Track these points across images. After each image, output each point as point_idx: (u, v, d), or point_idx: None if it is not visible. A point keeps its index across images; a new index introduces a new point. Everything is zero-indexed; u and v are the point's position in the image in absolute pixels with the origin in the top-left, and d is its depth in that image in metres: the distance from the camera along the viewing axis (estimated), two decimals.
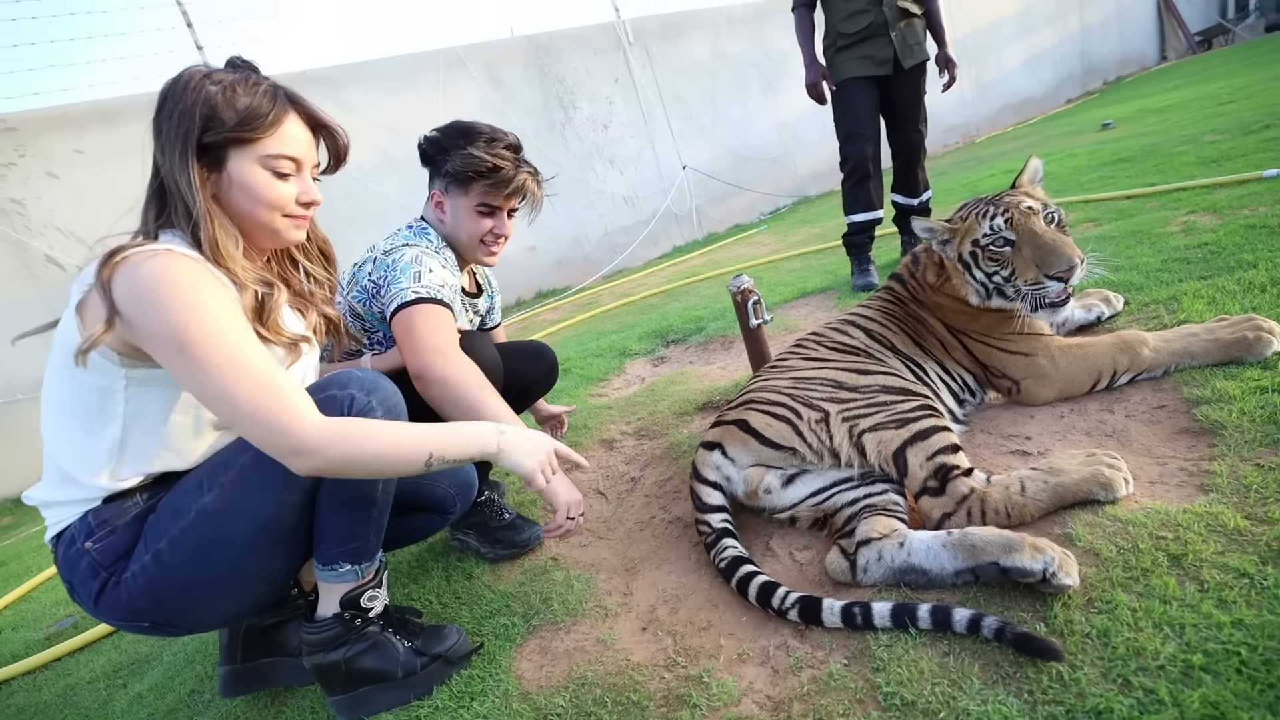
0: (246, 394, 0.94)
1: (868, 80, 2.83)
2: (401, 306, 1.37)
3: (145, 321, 0.93)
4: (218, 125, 1.02)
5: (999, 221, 1.51)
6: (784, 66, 7.71)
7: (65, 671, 1.80)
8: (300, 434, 0.94)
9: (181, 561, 1.03)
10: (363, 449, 0.99)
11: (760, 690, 1.01)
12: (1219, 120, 4.02)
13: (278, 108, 1.07)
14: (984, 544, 1.02)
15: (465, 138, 1.52)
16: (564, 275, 6.76)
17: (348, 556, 1.14)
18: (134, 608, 1.04)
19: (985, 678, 0.88)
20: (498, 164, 1.51)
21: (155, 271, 0.93)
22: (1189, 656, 0.80)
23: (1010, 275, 1.50)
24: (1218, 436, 1.21)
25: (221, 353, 0.94)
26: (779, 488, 1.36)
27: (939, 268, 1.66)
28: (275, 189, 1.07)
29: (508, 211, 1.59)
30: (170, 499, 1.06)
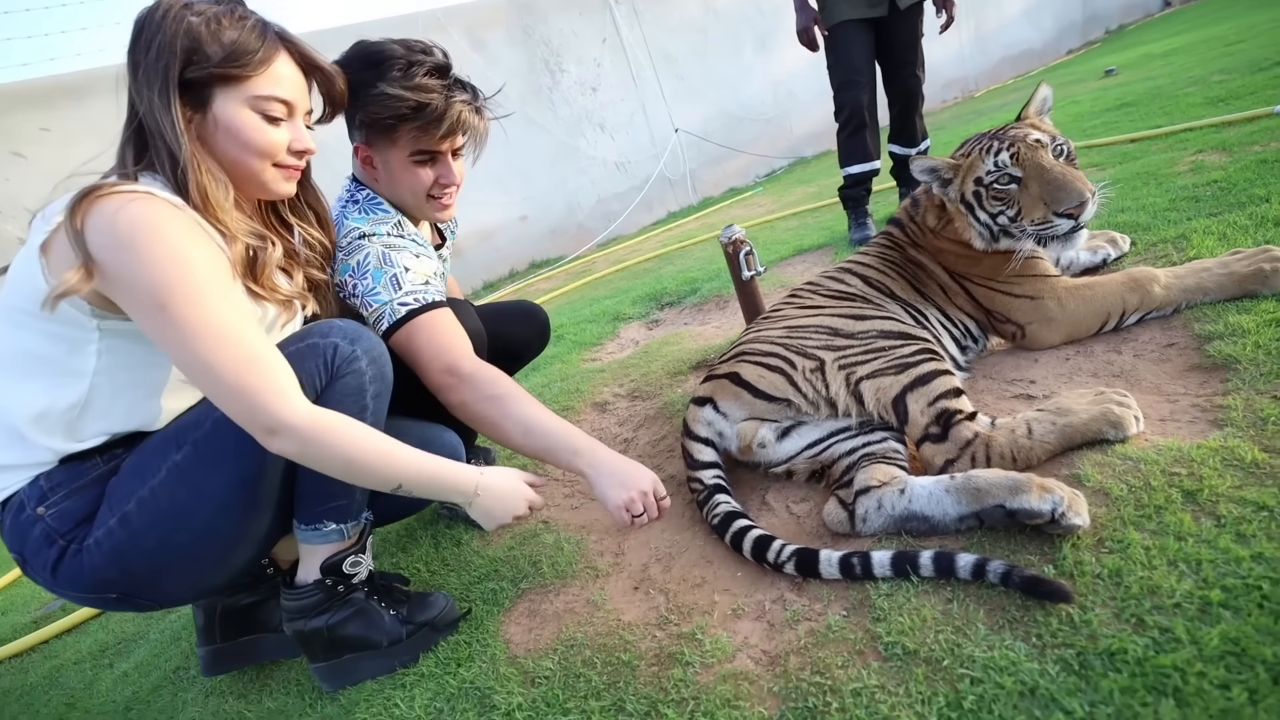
0: (232, 364, 0.87)
1: (862, 23, 2.70)
2: (394, 327, 1.20)
3: (124, 273, 0.84)
4: (201, 60, 0.92)
5: (1004, 157, 1.41)
6: (777, 21, 7.44)
7: (52, 653, 1.78)
8: (281, 415, 0.89)
9: (152, 524, 0.95)
10: (341, 451, 0.94)
11: (756, 645, 0.97)
12: (1227, 60, 3.88)
13: (267, 44, 0.97)
14: (989, 486, 0.97)
15: (375, 69, 1.19)
16: (557, 244, 6.63)
17: (332, 515, 1.09)
18: (100, 578, 0.97)
19: (991, 623, 0.84)
20: (422, 100, 1.19)
21: (137, 217, 0.84)
22: (1206, 593, 0.76)
23: (1017, 215, 1.41)
24: (1231, 371, 1.15)
25: (207, 315, 0.86)
26: (774, 441, 1.31)
27: (940, 210, 1.57)
28: (266, 134, 0.99)
29: (451, 153, 1.31)
30: (136, 458, 0.99)
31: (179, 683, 1.42)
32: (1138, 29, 9.25)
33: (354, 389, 1.06)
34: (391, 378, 1.14)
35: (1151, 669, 0.70)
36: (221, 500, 0.99)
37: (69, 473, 0.97)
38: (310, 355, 1.02)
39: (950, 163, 1.51)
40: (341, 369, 1.04)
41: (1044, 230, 1.39)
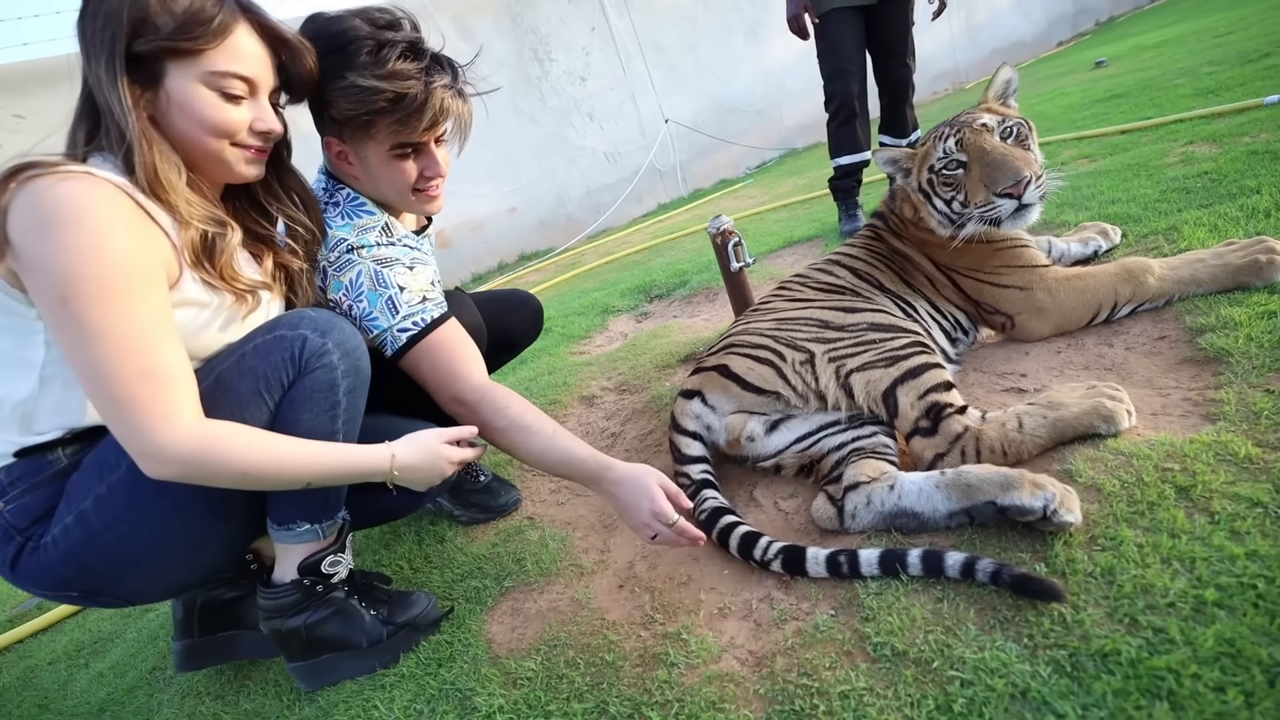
0: (120, 375, 0.80)
1: (852, 11, 2.66)
2: (398, 354, 1.16)
3: (34, 258, 0.78)
4: (150, 31, 0.85)
5: (950, 144, 1.42)
6: (768, 10, 7.38)
7: (27, 653, 1.73)
8: (155, 440, 0.82)
9: (110, 523, 0.91)
10: (229, 465, 0.87)
11: (742, 645, 0.95)
12: (1217, 52, 3.88)
13: (225, 13, 0.89)
14: (979, 483, 0.95)
15: (340, 53, 1.06)
16: (546, 236, 6.57)
17: (305, 515, 1.05)
18: (57, 575, 0.93)
19: (981, 623, 0.82)
20: (400, 90, 1.06)
21: (61, 197, 0.77)
22: (1201, 592, 0.74)
23: (965, 199, 1.40)
24: (1223, 364, 1.14)
25: (109, 317, 0.79)
26: (762, 435, 1.28)
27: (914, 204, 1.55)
28: (222, 111, 0.92)
29: (434, 142, 1.18)
30: (96, 454, 0.94)
31: (155, 683, 1.38)
32: (1128, 20, 9.27)
33: (324, 384, 1.00)
34: (368, 371, 1.08)
35: (1145, 671, 0.68)
36: (182, 499, 0.94)
37: (29, 466, 0.93)
38: (276, 348, 0.96)
39: (909, 153, 1.52)
40: (310, 363, 0.98)
41: (988, 212, 1.37)
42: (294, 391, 0.98)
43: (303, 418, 0.98)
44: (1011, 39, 9.23)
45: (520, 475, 1.73)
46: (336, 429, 1.03)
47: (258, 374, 0.95)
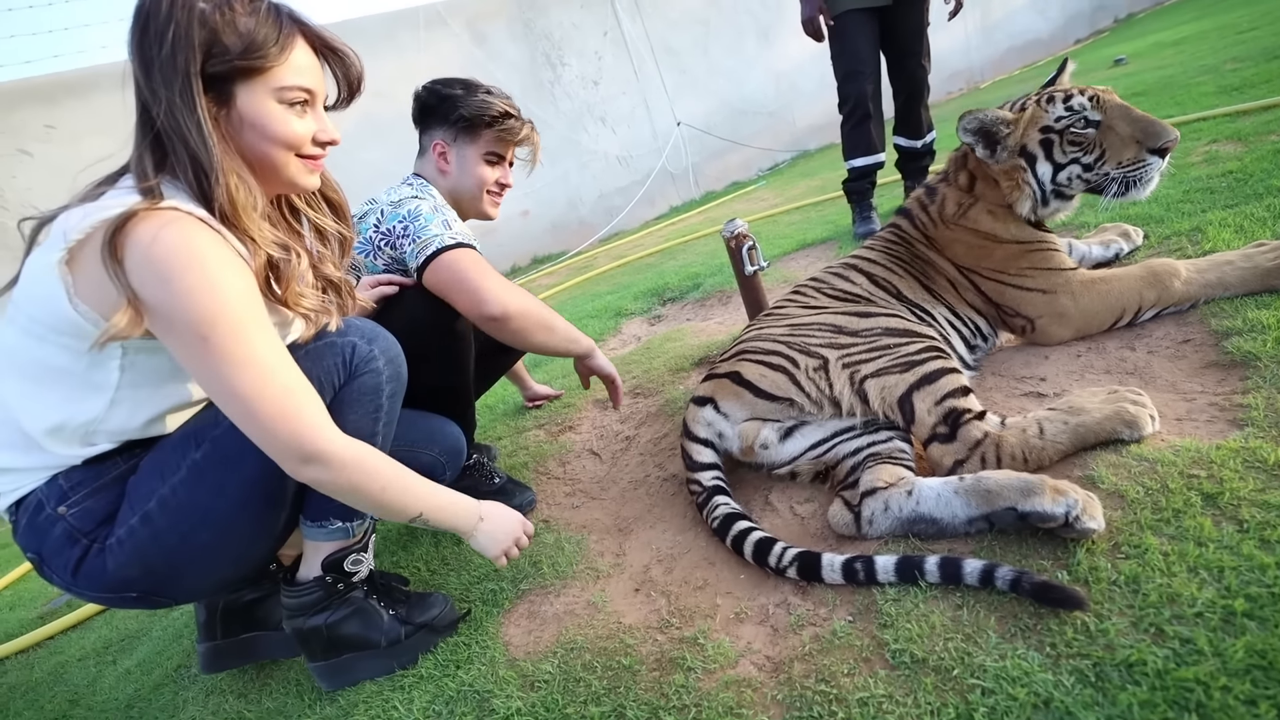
0: (271, 395, 0.86)
1: (867, 12, 2.64)
2: (441, 251, 1.33)
3: (163, 305, 0.81)
4: (221, 52, 0.86)
5: (1080, 100, 1.35)
6: (780, 13, 7.36)
7: (57, 649, 1.77)
8: (319, 444, 0.89)
9: (174, 522, 0.95)
10: (370, 483, 0.95)
11: (759, 650, 0.94)
12: (1240, 48, 3.80)
13: (285, 30, 0.91)
14: (1000, 488, 0.94)
15: (467, 88, 1.51)
16: (559, 240, 6.60)
17: (339, 512, 1.08)
18: (121, 577, 0.95)
19: (1003, 631, 0.81)
20: (509, 111, 1.53)
21: (171, 247, 0.80)
22: (1230, 602, 0.73)
23: (1098, 159, 1.35)
24: (1251, 369, 1.12)
25: (248, 347, 0.85)
26: (776, 442, 1.28)
27: (964, 193, 1.52)
28: (291, 125, 0.93)
29: (509, 163, 1.60)
30: (155, 456, 0.97)
31: (180, 681, 1.41)
32: (1147, 17, 9.11)
33: (370, 388, 1.06)
34: (406, 378, 1.15)
35: (1173, 682, 0.67)
36: (241, 496, 0.98)
37: (89, 472, 0.96)
38: (328, 354, 1.01)
39: (1008, 116, 1.42)
40: (359, 368, 1.04)
41: (1134, 171, 1.32)
42: (342, 394, 1.03)
43: (349, 419, 1.03)
44: (1028, 37, 9.12)
45: (535, 478, 1.74)
46: (377, 431, 1.08)
47: (311, 377, 0.98)
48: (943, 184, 1.58)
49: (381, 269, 1.45)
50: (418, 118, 1.56)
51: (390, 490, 0.97)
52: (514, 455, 1.91)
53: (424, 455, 1.32)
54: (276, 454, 0.89)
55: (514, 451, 1.93)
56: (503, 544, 1.11)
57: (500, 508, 1.14)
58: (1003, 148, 1.43)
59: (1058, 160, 1.38)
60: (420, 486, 1.02)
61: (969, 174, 1.52)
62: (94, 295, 0.83)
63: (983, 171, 1.49)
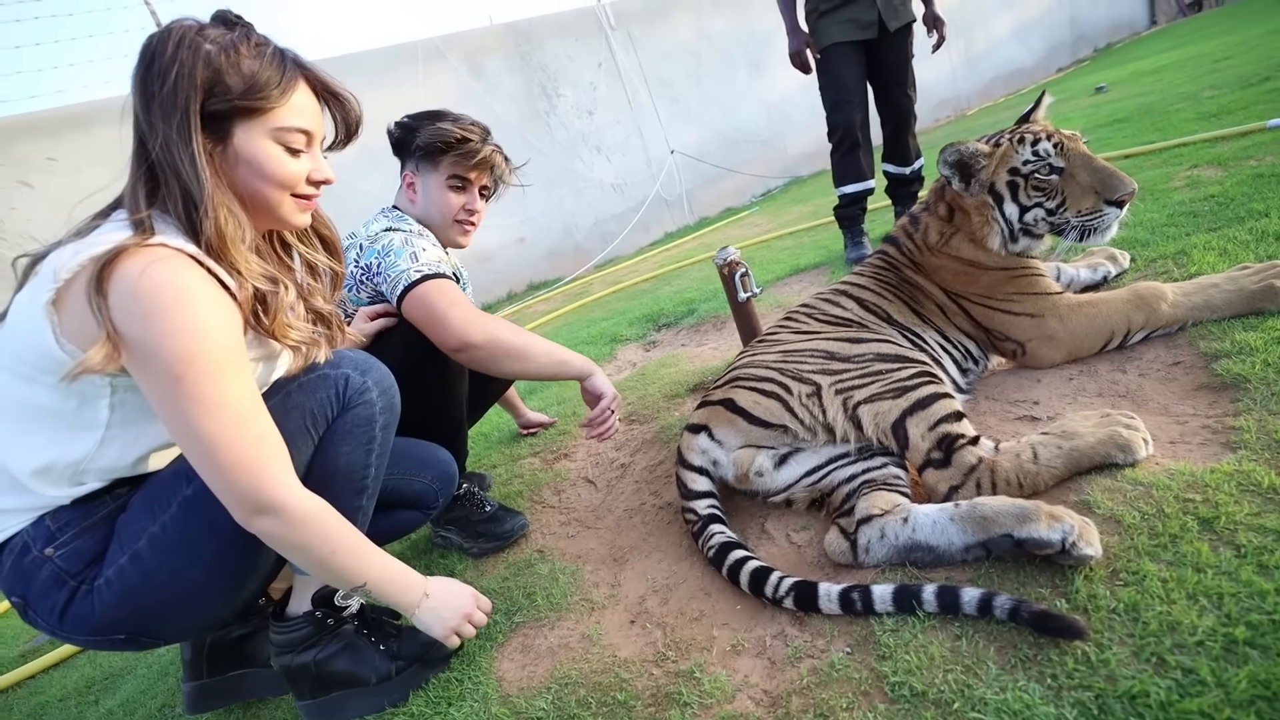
0: (236, 442, 0.85)
1: (853, 45, 2.72)
2: (410, 287, 1.34)
3: (142, 342, 0.81)
4: (223, 92, 0.87)
5: (1045, 146, 1.37)
6: (770, 45, 7.56)
7: (38, 689, 1.72)
8: (276, 495, 0.88)
9: (164, 560, 0.93)
10: (321, 544, 0.93)
11: (756, 684, 0.92)
12: (1216, 76, 3.91)
13: (288, 74, 0.93)
14: (995, 514, 0.94)
15: (433, 117, 1.55)
16: (555, 266, 6.65)
17: None
18: (110, 618, 0.93)
19: (1002, 662, 0.80)
20: (466, 136, 1.52)
21: (157, 284, 0.80)
22: (1230, 630, 0.72)
23: (1060, 205, 1.37)
24: (1241, 391, 1.12)
25: (221, 391, 0.84)
26: (771, 469, 1.27)
27: (944, 222, 1.54)
28: (287, 165, 0.95)
29: (479, 190, 1.59)
30: (145, 494, 0.96)
31: None
32: (1125, 47, 9.40)
33: (364, 420, 1.06)
34: (399, 409, 1.14)
35: (1176, 714, 0.66)
36: (233, 532, 0.95)
37: (77, 512, 0.94)
38: (321, 386, 1.01)
39: (985, 150, 1.43)
40: (352, 400, 1.04)
41: (1091, 220, 1.35)
42: (335, 426, 1.02)
43: (341, 450, 1.03)
44: (1011, 67, 9.38)
45: (530, 507, 1.72)
46: (370, 462, 1.08)
47: (305, 410, 0.99)
48: (925, 213, 1.61)
49: (367, 302, 1.46)
50: (394, 152, 1.60)
51: (340, 554, 0.95)
52: (508, 484, 1.89)
53: (416, 482, 1.31)
54: (230, 501, 0.88)
55: (508, 480, 1.92)
56: (449, 623, 1.07)
57: (451, 584, 1.11)
58: (976, 182, 1.46)
59: (1022, 202, 1.41)
60: (372, 556, 1.00)
61: (947, 205, 1.55)
62: (79, 333, 0.82)
63: (959, 203, 1.52)
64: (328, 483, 1.03)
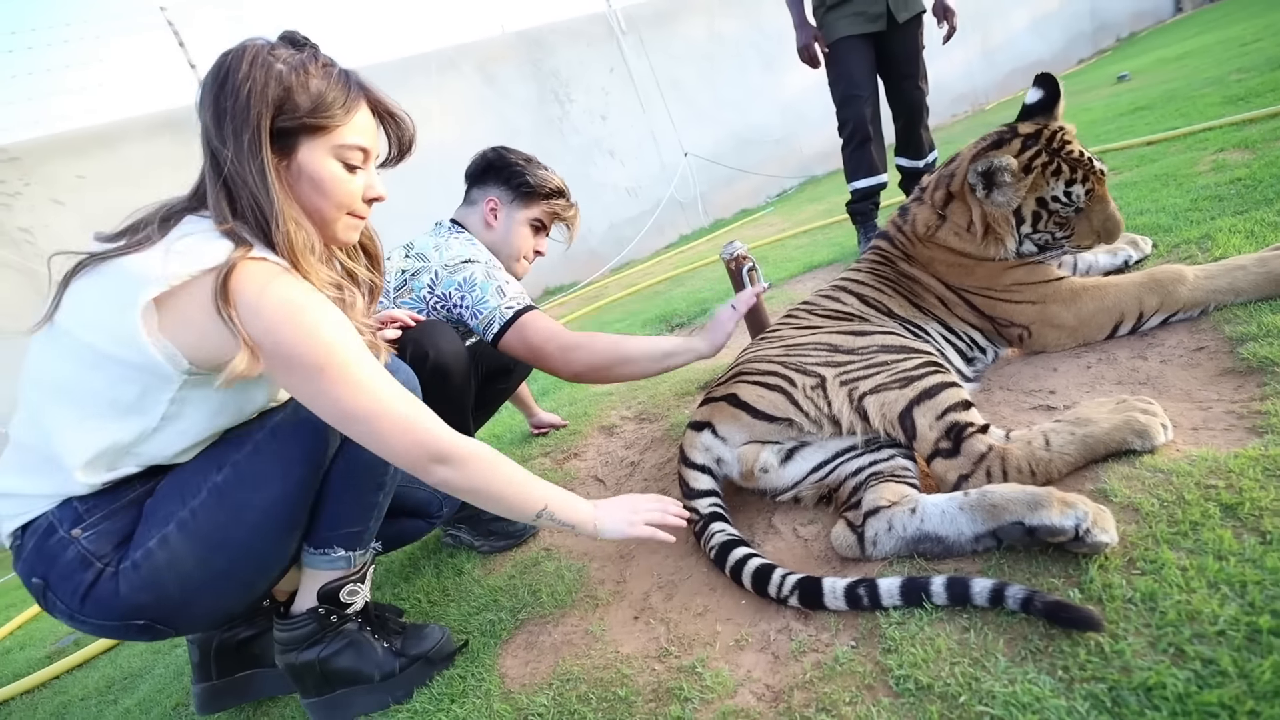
0: (396, 406, 0.92)
1: (862, 38, 2.68)
2: (506, 326, 1.43)
3: (279, 350, 0.86)
4: (292, 110, 0.91)
5: (1079, 191, 1.37)
6: (781, 45, 7.52)
7: (61, 689, 1.77)
8: (448, 443, 0.94)
9: (191, 546, 0.94)
10: (494, 479, 0.99)
11: (759, 679, 0.90)
12: (1244, 60, 3.79)
13: (352, 94, 0.97)
14: (1006, 502, 0.91)
15: (530, 161, 1.67)
16: (570, 270, 6.68)
17: (343, 541, 1.08)
18: (133, 603, 0.93)
19: (1012, 654, 0.77)
20: (563, 189, 1.70)
21: (279, 301, 0.86)
22: (1254, 619, 0.68)
23: (1066, 236, 1.41)
24: (1269, 375, 1.07)
25: (359, 374, 0.90)
26: (777, 465, 1.25)
27: (935, 212, 1.52)
28: (347, 185, 0.98)
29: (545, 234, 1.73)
30: (174, 479, 0.97)
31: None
32: (1149, 35, 9.16)
33: None
34: None
35: (1195, 706, 0.63)
36: (259, 521, 0.98)
37: (105, 494, 0.95)
38: None
39: (1014, 168, 1.39)
40: None
41: (1079, 252, 1.44)
42: None
43: None
44: (1030, 59, 9.20)
45: None
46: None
47: None
48: (914, 203, 1.58)
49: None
50: (476, 174, 1.67)
51: (514, 484, 1.01)
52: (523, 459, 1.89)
53: (419, 491, 1.31)
54: (408, 461, 0.93)
55: None
56: (628, 519, 1.09)
57: (614, 499, 1.14)
58: (1001, 195, 1.42)
59: (1039, 229, 1.42)
60: (543, 483, 1.05)
61: (948, 193, 1.52)
62: (185, 334, 0.86)
63: (963, 196, 1.48)
64: (350, 475, 1.06)
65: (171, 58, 5.33)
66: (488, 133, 5.85)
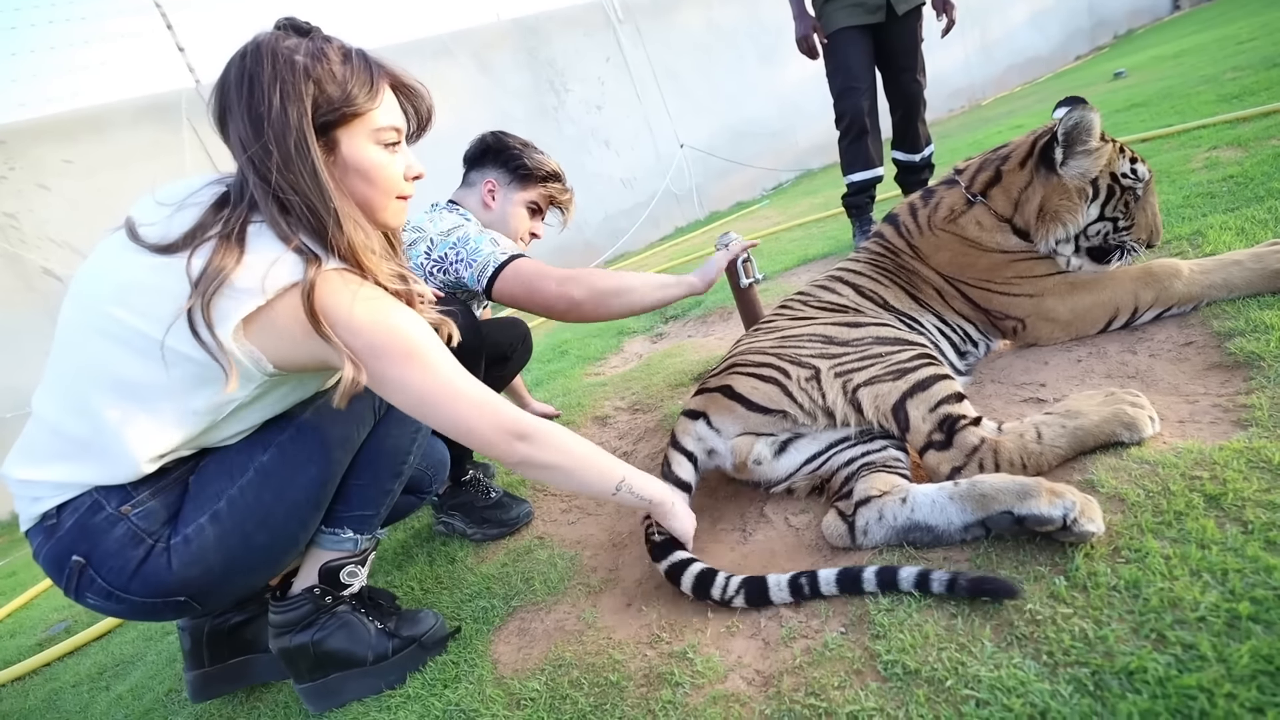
0: (470, 390, 0.95)
1: (860, 30, 2.68)
2: (500, 268, 1.44)
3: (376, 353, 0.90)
4: (326, 103, 0.88)
5: (1143, 169, 1.40)
6: (779, 36, 7.50)
7: (53, 675, 1.76)
8: (524, 421, 0.97)
9: (239, 523, 0.96)
10: (569, 454, 1.01)
11: (749, 664, 0.91)
12: (1240, 58, 3.81)
13: (375, 74, 0.93)
14: (995, 492, 0.92)
15: (527, 146, 1.71)
16: (564, 262, 6.63)
17: (354, 524, 1.11)
18: (182, 578, 0.94)
19: (998, 640, 0.78)
20: (559, 172, 1.74)
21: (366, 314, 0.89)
22: (1234, 605, 0.69)
23: (1127, 228, 1.41)
24: (1255, 369, 1.09)
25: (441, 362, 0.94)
26: (770, 457, 1.25)
27: (965, 198, 1.50)
28: (390, 168, 0.96)
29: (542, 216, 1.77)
30: (221, 457, 0.99)
31: (170, 706, 1.39)
32: (1146, 32, 9.18)
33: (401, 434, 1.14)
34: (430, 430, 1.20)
35: (1175, 690, 0.64)
36: (297, 500, 1.01)
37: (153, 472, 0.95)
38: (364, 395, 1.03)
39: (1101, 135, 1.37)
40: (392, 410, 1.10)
41: (1134, 248, 1.43)
42: (391, 412, 1.11)
43: (391, 434, 1.12)
44: (1027, 54, 9.21)
45: (532, 495, 1.73)
46: (411, 450, 1.17)
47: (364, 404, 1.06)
48: (943, 186, 1.57)
49: (446, 289, 1.53)
50: (474, 156, 1.71)
51: (589, 458, 1.04)
52: (512, 474, 1.90)
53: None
54: (492, 439, 0.95)
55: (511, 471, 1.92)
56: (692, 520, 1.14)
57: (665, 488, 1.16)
58: (1078, 163, 1.38)
59: (1105, 211, 1.40)
60: (614, 458, 1.08)
61: (996, 173, 1.48)
62: (270, 342, 0.88)
63: (1014, 179, 1.45)
64: (372, 460, 1.09)
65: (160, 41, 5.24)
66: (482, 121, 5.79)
